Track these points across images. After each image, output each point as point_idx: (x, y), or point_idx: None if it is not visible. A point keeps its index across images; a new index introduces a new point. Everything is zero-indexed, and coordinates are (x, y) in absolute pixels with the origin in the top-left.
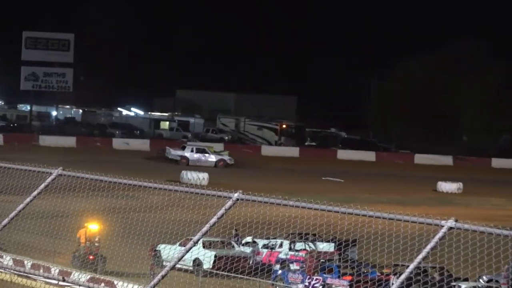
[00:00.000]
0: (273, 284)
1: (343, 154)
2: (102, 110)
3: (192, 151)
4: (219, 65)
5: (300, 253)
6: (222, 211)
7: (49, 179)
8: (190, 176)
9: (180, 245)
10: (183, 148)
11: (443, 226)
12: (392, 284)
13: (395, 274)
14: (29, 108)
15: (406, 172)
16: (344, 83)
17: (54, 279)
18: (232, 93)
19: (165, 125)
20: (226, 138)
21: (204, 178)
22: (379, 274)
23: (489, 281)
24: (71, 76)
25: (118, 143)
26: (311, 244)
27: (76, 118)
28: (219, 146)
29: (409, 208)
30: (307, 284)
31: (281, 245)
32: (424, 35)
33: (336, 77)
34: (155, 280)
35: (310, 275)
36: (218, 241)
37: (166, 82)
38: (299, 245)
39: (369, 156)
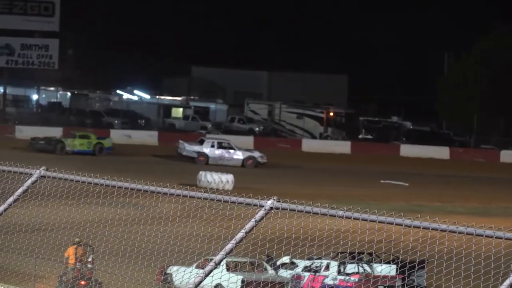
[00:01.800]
0: None
1: (408, 150)
2: (97, 93)
3: (212, 146)
4: (247, 36)
5: (352, 278)
6: (251, 223)
7: (28, 182)
8: (210, 178)
9: (197, 267)
10: (201, 142)
11: None
12: None
13: None
14: (1, 90)
15: (489, 174)
16: (409, 59)
17: None
18: (264, 72)
19: (177, 112)
20: (257, 129)
21: (228, 181)
22: None
23: None
24: (56, 49)
25: (118, 135)
26: (366, 266)
27: (63, 103)
28: (248, 140)
29: (494, 220)
30: None
31: (327, 267)
32: None
33: (399, 51)
34: None
35: None
36: (246, 262)
37: (179, 57)
38: (350, 268)
39: (442, 152)
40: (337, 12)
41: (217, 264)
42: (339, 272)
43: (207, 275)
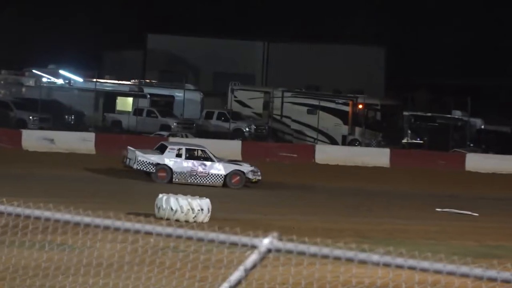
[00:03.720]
0: None
1: (478, 161)
2: (1, 73)
3: (179, 155)
4: None
5: None
6: (238, 273)
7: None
8: (175, 204)
9: None
10: (162, 150)
11: None
12: None
13: None
14: None
15: None
16: (479, 25)
17: None
18: (259, 43)
19: (125, 104)
20: (247, 129)
21: (202, 209)
22: None
23: None
24: None
25: (34, 138)
26: None
27: None
28: (233, 147)
29: None
30: None
31: None
32: None
33: (463, 14)
34: None
35: None
36: None
37: (128, 21)
38: None
39: None
40: None
41: None
42: None
43: None
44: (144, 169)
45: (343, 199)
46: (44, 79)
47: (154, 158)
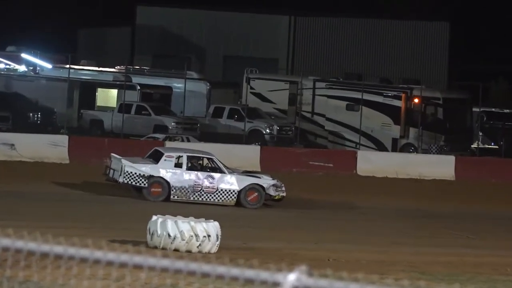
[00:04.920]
0: None
1: None
2: None
3: (178, 165)
4: None
5: None
6: None
7: None
8: (174, 229)
9: None
10: (157, 158)
11: None
12: None
13: None
14: None
15: None
16: None
17: None
18: (285, 17)
19: (108, 97)
20: (267, 131)
21: (207, 236)
22: None
23: None
24: None
25: None
26: None
27: None
28: (250, 153)
29: None
30: None
31: None
32: None
33: None
34: None
35: None
36: None
37: None
38: None
39: None
40: None
41: None
42: None
43: None
44: (133, 183)
45: (394, 222)
46: (1, 65)
47: (146, 168)
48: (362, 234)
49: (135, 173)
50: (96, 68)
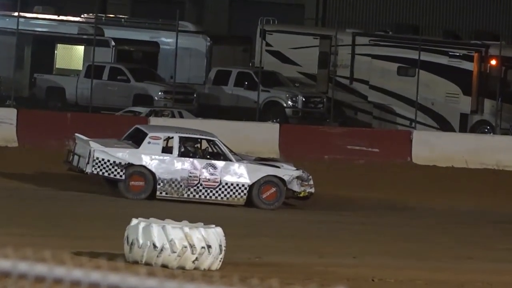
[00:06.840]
0: None
1: None
2: None
3: (167, 150)
4: None
5: None
6: None
7: None
8: (160, 238)
9: None
10: (137, 140)
11: None
12: None
13: None
14: None
15: None
16: None
17: None
18: None
19: (71, 56)
20: (289, 103)
21: (207, 247)
22: None
23: None
24: None
25: None
26: None
27: None
28: (266, 134)
29: None
30: None
31: None
32: None
33: None
34: None
35: None
36: None
37: None
38: None
39: None
40: None
41: None
42: None
43: None
44: (106, 174)
45: (462, 229)
46: None
47: (124, 154)
48: (418, 244)
49: (108, 161)
50: (56, 17)
